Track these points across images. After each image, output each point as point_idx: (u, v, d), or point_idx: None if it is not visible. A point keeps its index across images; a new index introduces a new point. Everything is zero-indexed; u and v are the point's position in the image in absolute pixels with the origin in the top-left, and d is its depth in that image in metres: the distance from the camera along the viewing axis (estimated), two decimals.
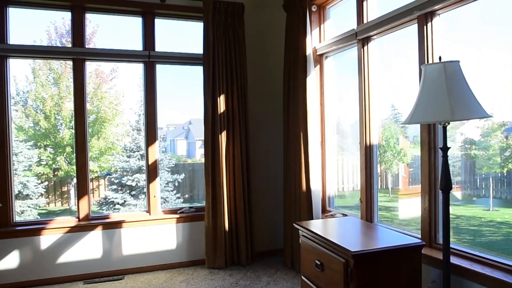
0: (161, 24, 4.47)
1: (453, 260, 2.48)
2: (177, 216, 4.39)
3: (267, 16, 4.74)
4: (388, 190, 4.70)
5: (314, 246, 2.72)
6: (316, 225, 2.99)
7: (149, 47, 4.34)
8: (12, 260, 3.87)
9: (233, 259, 4.38)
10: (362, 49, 3.47)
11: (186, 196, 7.79)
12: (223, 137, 4.30)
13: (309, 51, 4.00)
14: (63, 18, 7.38)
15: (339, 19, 4.20)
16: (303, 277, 2.91)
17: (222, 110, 4.29)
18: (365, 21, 3.44)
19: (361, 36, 3.43)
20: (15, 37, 4.02)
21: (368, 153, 3.47)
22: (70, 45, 4.22)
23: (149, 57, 4.30)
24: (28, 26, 4.10)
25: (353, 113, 4.08)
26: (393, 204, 4.57)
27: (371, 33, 3.33)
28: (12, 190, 4.00)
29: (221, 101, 4.29)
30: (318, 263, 2.63)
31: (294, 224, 3.09)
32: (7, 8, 3.94)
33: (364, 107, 3.46)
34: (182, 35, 5.11)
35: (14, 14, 4.03)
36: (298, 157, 4.06)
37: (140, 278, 4.09)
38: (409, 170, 4.55)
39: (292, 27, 4.19)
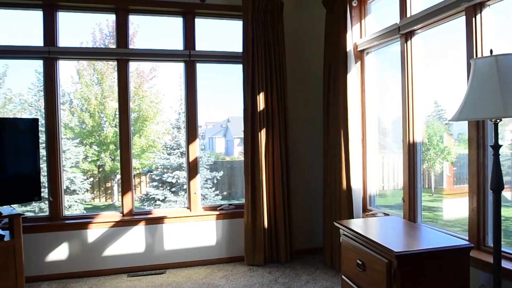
0: (200, 24, 4.53)
1: (504, 264, 2.36)
2: (217, 213, 4.45)
3: (306, 13, 4.70)
4: (431, 190, 4.54)
5: (356, 245, 2.68)
6: (358, 224, 2.94)
7: (190, 47, 4.41)
8: (62, 252, 4.07)
9: (272, 256, 4.39)
10: (405, 44, 3.37)
11: (225, 193, 7.86)
12: (262, 135, 4.31)
13: (349, 47, 3.93)
14: (107, 20, 7.63)
15: (381, 13, 4.10)
16: (343, 277, 2.87)
17: (261, 108, 4.30)
18: (408, 15, 3.34)
19: (404, 30, 3.33)
20: (63, 40, 4.21)
21: (411, 151, 3.37)
22: (113, 46, 4.37)
23: (190, 56, 4.37)
24: (74, 28, 4.26)
25: (394, 110, 3.98)
26: (436, 204, 4.42)
27: (415, 27, 3.22)
28: (62, 186, 4.20)
29: (261, 99, 4.30)
30: (360, 262, 2.59)
31: (334, 223, 3.05)
32: (57, 13, 4.13)
33: (407, 104, 3.36)
34: (221, 33, 5.16)
35: (62, 18, 4.21)
36: (338, 155, 4.00)
37: (181, 273, 4.18)
38: (453, 169, 4.38)
39: (332, 23, 4.14)
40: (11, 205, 3.67)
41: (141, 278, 4.05)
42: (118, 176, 8.26)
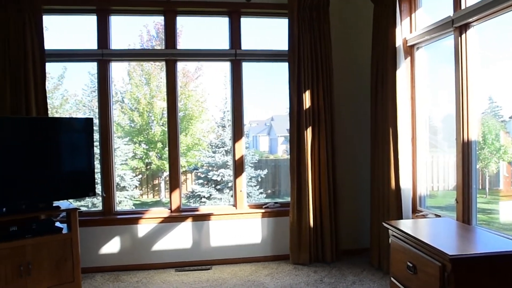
0: (245, 22, 4.57)
1: None
2: (263, 210, 4.47)
3: (353, 8, 4.61)
4: (485, 191, 4.31)
5: (406, 247, 2.60)
6: (408, 225, 2.85)
7: (236, 46, 4.45)
8: (114, 245, 4.25)
9: (318, 256, 4.35)
10: (459, 38, 3.21)
11: (269, 191, 7.88)
12: (308, 133, 4.27)
13: (398, 42, 3.82)
14: (153, 22, 7.87)
15: (432, 6, 3.93)
16: (392, 279, 2.80)
17: (307, 106, 4.27)
18: (463, 7, 3.18)
19: (458, 23, 3.18)
20: (114, 42, 4.39)
21: (465, 150, 3.21)
22: (159, 47, 4.50)
23: (236, 55, 4.41)
24: (123, 31, 4.45)
25: (445, 107, 3.82)
26: (492, 206, 4.19)
27: (470, 19, 3.06)
28: (114, 182, 4.38)
29: (307, 97, 4.27)
30: (410, 265, 2.51)
31: (383, 223, 2.98)
32: (109, 17, 4.31)
33: (461, 101, 3.21)
34: (267, 32, 5.17)
35: (114, 21, 4.39)
36: (386, 154, 3.90)
37: (227, 269, 4.24)
38: (511, 169, 4.13)
39: (380, 18, 4.03)
40: (68, 200, 3.89)
41: (188, 273, 4.15)
42: (165, 174, 8.52)
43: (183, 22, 4.34)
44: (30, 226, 3.45)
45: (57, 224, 3.68)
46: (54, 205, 3.65)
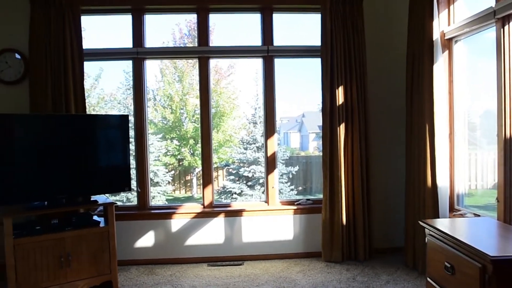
0: (277, 18, 4.54)
1: None
2: (295, 207, 4.46)
3: (387, 2, 4.50)
4: None
5: (444, 247, 2.52)
6: (445, 224, 2.77)
7: (268, 42, 4.44)
8: (148, 240, 4.35)
9: (350, 254, 4.29)
10: (501, 29, 3.07)
11: (300, 188, 7.84)
12: (341, 129, 4.22)
13: (436, 35, 3.70)
14: (185, 20, 7.97)
15: None
16: (429, 279, 2.73)
17: (340, 102, 4.21)
18: None
19: (500, 14, 3.04)
20: (149, 41, 4.47)
21: (507, 147, 3.07)
22: (191, 45, 4.55)
23: (268, 52, 4.41)
24: (156, 30, 4.54)
25: (484, 103, 3.68)
26: None
27: None
28: (148, 178, 4.48)
29: (340, 93, 4.21)
30: (448, 265, 2.43)
31: (420, 222, 2.90)
32: (144, 16, 4.40)
33: (503, 96, 3.06)
34: (298, 27, 5.13)
35: (148, 20, 4.48)
36: (423, 150, 3.79)
37: (259, 265, 4.26)
38: None
39: (416, 10, 3.91)
40: (105, 195, 4.01)
41: (220, 268, 4.19)
42: (197, 170, 8.64)
43: (215, 20, 4.37)
44: (70, 219, 3.61)
45: (95, 217, 3.81)
46: (91, 199, 3.78)
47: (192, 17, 4.50)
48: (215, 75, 8.38)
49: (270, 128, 4.52)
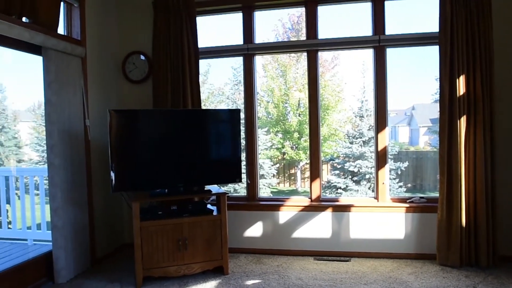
0: (388, 5, 4.30)
1: None
2: (407, 205, 4.22)
3: None
4: None
5: None
6: None
7: (379, 31, 4.24)
8: (256, 230, 4.50)
9: (470, 259, 3.92)
10: None
11: (409, 185, 7.43)
12: (462, 123, 3.85)
13: None
14: (288, 14, 8.01)
15: None
16: None
17: (461, 93, 3.84)
18: None
19: None
20: (258, 37, 4.60)
21: None
22: (294, 39, 4.54)
23: (379, 42, 4.21)
24: (261, 25, 4.64)
25: None
26: None
27: None
28: (257, 170, 4.62)
29: (461, 83, 3.84)
30: None
31: None
32: (254, 12, 4.53)
33: None
34: (412, 14, 4.81)
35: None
36: None
37: (366, 263, 4.13)
38: None
39: None
40: (217, 185, 4.24)
41: (326, 263, 4.16)
42: (301, 163, 8.68)
43: (320, 12, 4.30)
44: (186, 206, 3.91)
45: (208, 206, 4.06)
46: (205, 189, 4.03)
47: (296, 11, 4.49)
48: (320, 67, 8.33)
49: (381, 121, 4.34)
